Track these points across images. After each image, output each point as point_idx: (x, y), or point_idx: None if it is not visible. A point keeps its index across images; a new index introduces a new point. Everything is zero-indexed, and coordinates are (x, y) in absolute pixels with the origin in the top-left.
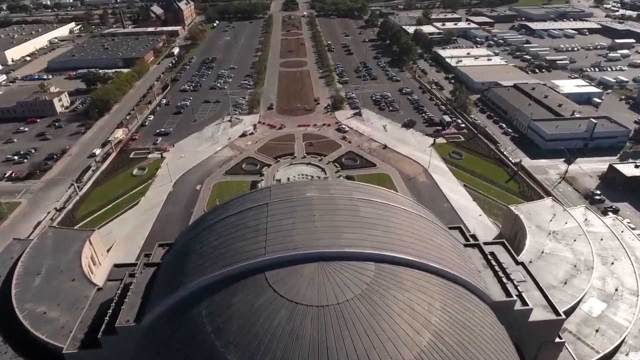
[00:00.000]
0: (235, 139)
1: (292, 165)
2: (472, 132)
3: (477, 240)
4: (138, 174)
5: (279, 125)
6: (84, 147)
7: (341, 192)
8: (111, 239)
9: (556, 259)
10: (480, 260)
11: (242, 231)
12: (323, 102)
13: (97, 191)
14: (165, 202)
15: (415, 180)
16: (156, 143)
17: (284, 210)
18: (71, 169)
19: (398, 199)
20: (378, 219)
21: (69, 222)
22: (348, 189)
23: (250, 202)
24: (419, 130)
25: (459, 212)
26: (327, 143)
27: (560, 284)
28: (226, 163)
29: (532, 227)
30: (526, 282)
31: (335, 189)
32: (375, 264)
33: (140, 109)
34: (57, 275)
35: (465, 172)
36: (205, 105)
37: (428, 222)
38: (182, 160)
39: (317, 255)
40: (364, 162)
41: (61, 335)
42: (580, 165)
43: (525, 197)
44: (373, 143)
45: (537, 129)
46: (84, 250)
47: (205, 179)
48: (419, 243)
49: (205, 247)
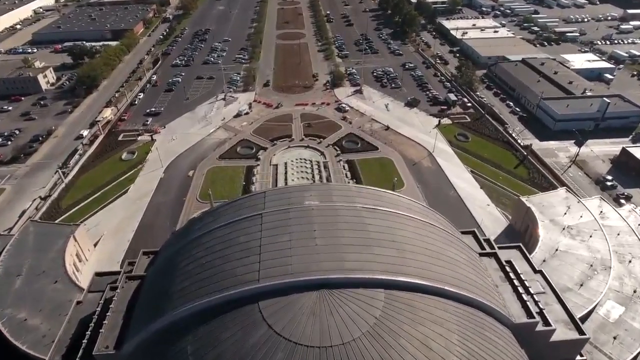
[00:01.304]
0: (230, 120)
1: (289, 149)
2: (478, 112)
3: (492, 247)
4: (127, 159)
5: (275, 104)
6: (70, 127)
7: (344, 199)
8: (98, 231)
9: (571, 258)
10: (497, 272)
11: (233, 248)
12: (322, 78)
13: (84, 178)
14: (155, 190)
15: (420, 165)
16: (146, 124)
17: (279, 223)
18: (57, 152)
19: (406, 205)
20: (386, 233)
21: (54, 213)
22: (351, 195)
23: (242, 210)
24: (423, 110)
25: (466, 202)
26: (327, 124)
27: (576, 286)
28: (220, 146)
29: (545, 221)
30: (545, 293)
31: (337, 196)
32: (385, 291)
33: (130, 85)
34: (38, 277)
35: (472, 157)
36: (198, 82)
37: (440, 232)
38: (174, 143)
39: (319, 282)
40: (365, 145)
41: (42, 346)
42: (591, 147)
43: (535, 184)
44: (375, 124)
45: (547, 108)
46: (68, 248)
47: (198, 164)
48: (432, 261)
49: (192, 265)
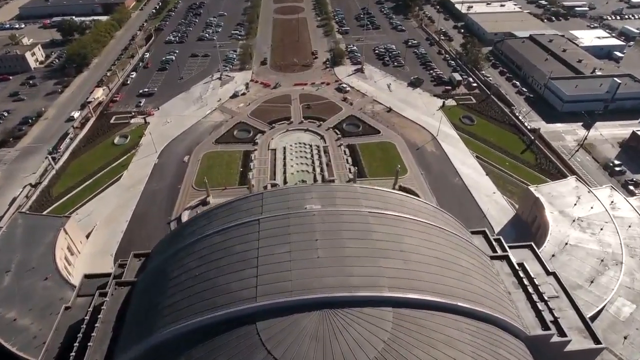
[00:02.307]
0: (226, 101)
1: (288, 132)
2: (484, 93)
3: (503, 248)
4: (120, 143)
5: (273, 84)
6: (61, 109)
7: (347, 202)
8: (91, 221)
9: (581, 252)
10: (509, 278)
11: (228, 259)
12: (322, 55)
13: (75, 164)
14: (149, 176)
15: (423, 150)
16: (139, 105)
17: (278, 231)
18: (47, 135)
19: (414, 206)
20: (393, 241)
21: (44, 202)
22: (355, 197)
23: (239, 213)
24: (427, 90)
25: (471, 189)
26: (327, 105)
27: (586, 283)
28: (216, 129)
29: (554, 212)
30: (559, 297)
31: (340, 198)
32: (394, 309)
33: (122, 64)
34: (28, 273)
35: (477, 141)
36: (193, 60)
37: (450, 236)
38: (168, 126)
39: (321, 301)
40: (367, 129)
41: (33, 348)
42: (599, 130)
43: (542, 171)
44: (376, 105)
45: (555, 89)
46: (58, 242)
47: (193, 149)
48: (443, 272)
49: (184, 276)
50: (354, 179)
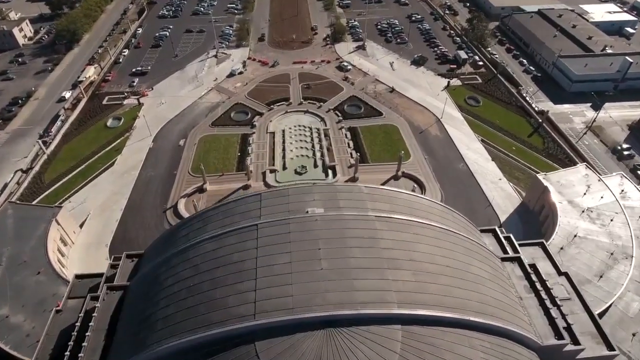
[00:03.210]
0: (223, 80)
1: (287, 114)
2: (490, 72)
3: (514, 247)
4: (113, 126)
5: (271, 62)
6: (51, 88)
7: (352, 204)
8: (84, 209)
9: (590, 245)
10: (521, 281)
11: (224, 269)
12: (321, 31)
13: (67, 148)
14: (144, 162)
15: (427, 133)
16: (132, 85)
17: (278, 238)
18: (38, 117)
19: (422, 207)
20: (402, 249)
21: (36, 189)
22: (361, 198)
23: (235, 216)
24: (431, 69)
25: (476, 175)
26: (327, 85)
27: (595, 278)
28: (212, 111)
29: (563, 202)
30: (571, 299)
31: (344, 200)
32: (403, 327)
33: (114, 40)
34: (19, 267)
35: (483, 124)
36: (187, 35)
37: (461, 240)
38: (163, 108)
39: (325, 320)
40: (369, 110)
41: (26, 347)
42: (608, 111)
43: (550, 155)
44: (379, 85)
45: (564, 67)
46: (50, 233)
47: (189, 132)
48: (454, 282)
49: (177, 285)
50: (356, 165)
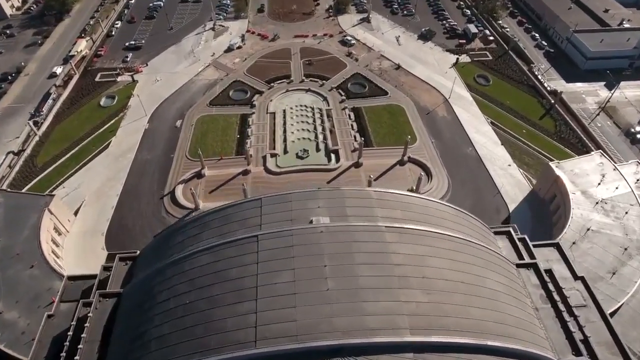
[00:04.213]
0: (220, 55)
1: (288, 93)
2: (501, 48)
3: (528, 249)
4: (106, 105)
5: (271, 36)
6: (42, 63)
7: (360, 212)
8: (79, 195)
9: (604, 240)
10: (537, 290)
11: (222, 286)
12: (324, 2)
13: (59, 129)
14: (140, 144)
15: (434, 114)
16: (126, 60)
17: (280, 252)
18: (29, 94)
19: (436, 213)
20: (414, 265)
21: (28, 173)
22: (369, 204)
23: (234, 224)
24: (439, 44)
25: (485, 161)
26: (330, 61)
27: (608, 275)
28: (210, 89)
29: (576, 193)
30: (587, 306)
31: (351, 207)
32: (415, 355)
33: (106, 10)
34: (12, 260)
35: (493, 104)
36: (183, 6)
37: (476, 250)
38: (158, 86)
39: (332, 349)
40: (374, 89)
41: (22, 344)
42: (623, 91)
43: (562, 139)
44: (384, 61)
45: (579, 43)
46: (43, 223)
47: (186, 112)
48: (469, 300)
49: (173, 301)
50: (360, 150)
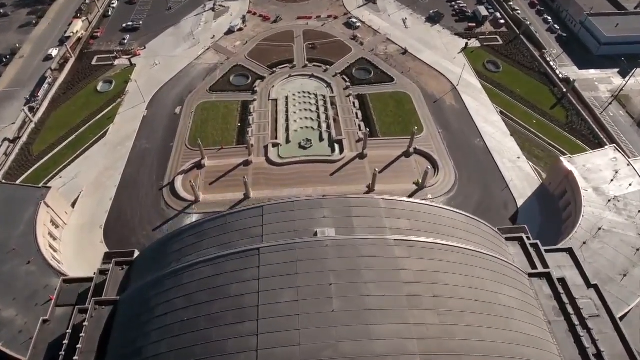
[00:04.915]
0: (221, 38)
1: (291, 78)
2: (512, 32)
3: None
4: (103, 90)
5: (273, 17)
6: (37, 45)
7: (368, 223)
8: (76, 186)
9: (615, 240)
10: (550, 302)
11: (222, 303)
12: None
13: (55, 115)
14: (138, 132)
15: (442, 103)
16: (123, 43)
17: (283, 268)
18: (25, 77)
19: (447, 222)
20: (424, 282)
21: (24, 161)
22: (377, 214)
23: (234, 233)
24: (447, 27)
25: (493, 153)
26: (334, 45)
27: (619, 276)
28: (210, 74)
29: (588, 190)
30: (599, 316)
31: (358, 217)
32: None
33: None
34: (8, 256)
35: (503, 93)
36: None
37: (489, 263)
38: (156, 70)
39: None
40: (379, 75)
41: (19, 344)
42: (638, 79)
43: (573, 130)
44: (390, 45)
45: (593, 27)
46: (39, 218)
47: (185, 98)
48: (481, 320)
49: (170, 317)
50: (365, 140)
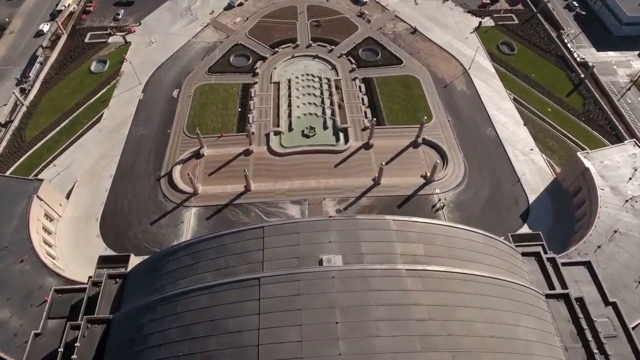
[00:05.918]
0: (220, 14)
1: (294, 59)
2: (529, 10)
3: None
4: (97, 71)
5: None
6: (27, 19)
7: (377, 249)
8: (71, 175)
9: (631, 244)
10: (567, 325)
11: (219, 340)
12: None
13: (47, 97)
14: (134, 117)
15: (452, 88)
16: (117, 18)
17: (285, 303)
18: (15, 55)
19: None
20: (439, 319)
21: (17, 148)
22: (388, 238)
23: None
24: (460, 4)
25: (505, 144)
26: (340, 22)
27: (634, 283)
28: (209, 53)
29: (605, 189)
30: (617, 336)
31: (367, 242)
32: None
33: None
34: (1, 254)
35: (517, 77)
36: None
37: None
38: (152, 48)
39: None
40: (387, 57)
41: (15, 347)
42: None
43: (589, 120)
44: (399, 24)
45: (614, 5)
46: (32, 211)
47: (183, 80)
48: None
49: (165, 350)
50: (371, 130)
